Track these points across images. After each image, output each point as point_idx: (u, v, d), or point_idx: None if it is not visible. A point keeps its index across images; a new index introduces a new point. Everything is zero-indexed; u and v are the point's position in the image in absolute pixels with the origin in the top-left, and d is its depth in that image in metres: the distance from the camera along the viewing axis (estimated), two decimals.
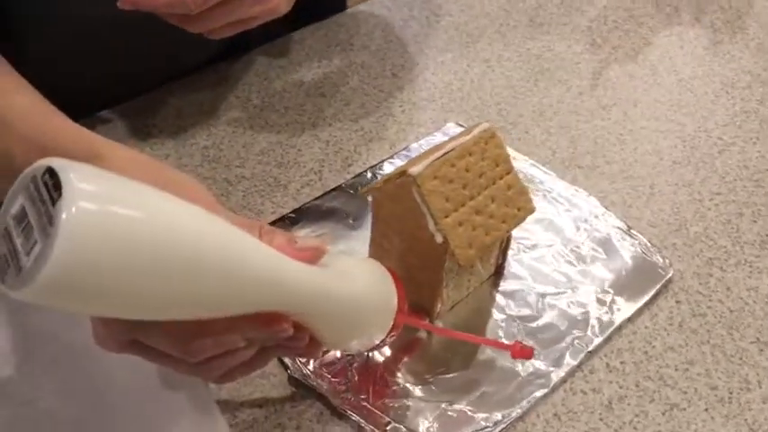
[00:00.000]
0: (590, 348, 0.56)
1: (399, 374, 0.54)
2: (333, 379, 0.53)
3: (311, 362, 0.54)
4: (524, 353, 0.50)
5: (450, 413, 0.52)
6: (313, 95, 0.79)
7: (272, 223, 0.64)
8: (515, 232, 0.62)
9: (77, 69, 0.71)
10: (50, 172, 0.31)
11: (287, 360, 0.54)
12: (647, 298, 0.60)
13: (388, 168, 0.70)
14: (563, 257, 0.63)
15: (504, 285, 0.60)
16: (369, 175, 0.69)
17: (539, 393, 0.53)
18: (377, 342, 0.50)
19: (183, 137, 0.73)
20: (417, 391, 0.53)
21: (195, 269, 0.35)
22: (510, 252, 0.61)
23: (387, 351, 0.55)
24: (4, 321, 0.55)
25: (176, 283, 0.35)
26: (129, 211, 0.33)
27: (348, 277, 0.46)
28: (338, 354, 0.54)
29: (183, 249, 0.34)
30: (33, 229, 0.31)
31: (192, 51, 0.79)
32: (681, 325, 0.59)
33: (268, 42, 0.85)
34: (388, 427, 0.50)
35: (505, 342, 0.55)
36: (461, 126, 0.76)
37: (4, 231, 0.33)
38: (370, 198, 0.57)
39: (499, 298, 0.59)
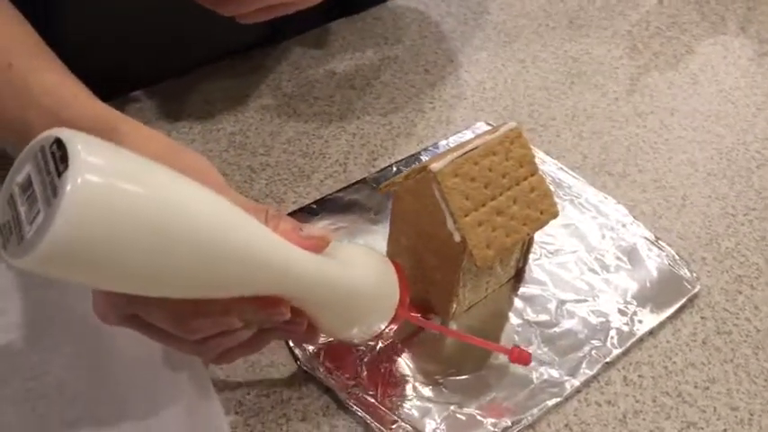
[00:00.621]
0: (608, 359, 0.55)
1: (410, 373, 0.53)
2: (342, 373, 0.52)
3: (321, 355, 0.53)
4: (522, 357, 0.49)
5: (458, 416, 0.51)
6: (344, 87, 0.78)
7: (293, 213, 0.64)
8: (539, 236, 0.61)
9: (112, 50, 0.71)
10: (58, 143, 0.31)
11: (297, 351, 0.53)
12: (670, 311, 0.58)
13: (413, 164, 0.69)
14: (586, 265, 0.61)
15: (524, 289, 0.59)
16: (394, 169, 0.69)
17: (551, 402, 0.52)
18: (375, 334, 0.49)
19: (211, 122, 0.73)
20: (427, 391, 0.52)
21: (195, 250, 0.35)
22: (532, 256, 0.60)
23: (399, 349, 0.54)
24: (17, 293, 0.55)
25: (176, 262, 0.34)
26: (134, 187, 0.32)
27: (350, 268, 0.45)
28: (350, 348, 0.54)
29: (186, 229, 0.34)
30: (37, 199, 0.31)
31: (227, 38, 0.79)
32: (704, 342, 0.58)
33: (304, 32, 0.84)
34: (393, 426, 0.50)
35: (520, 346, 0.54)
36: (491, 126, 0.74)
37: (10, 198, 0.33)
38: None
39: (517, 302, 0.58)
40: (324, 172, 0.69)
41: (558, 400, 0.52)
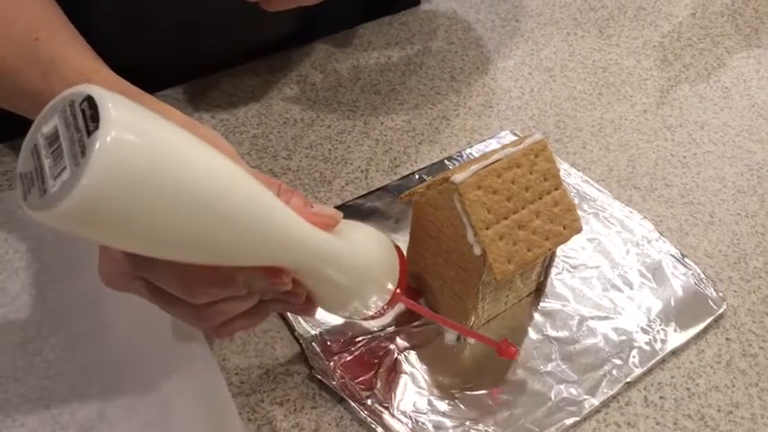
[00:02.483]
0: (629, 379, 0.54)
1: (425, 387, 0.52)
2: (357, 384, 0.52)
3: (336, 364, 0.52)
4: (508, 351, 0.50)
5: None
6: (368, 92, 0.77)
7: None
8: (561, 250, 0.60)
9: (141, 47, 0.71)
10: (90, 100, 0.31)
11: (312, 360, 0.53)
12: (695, 332, 0.57)
13: (436, 172, 0.68)
14: (609, 281, 0.60)
15: (545, 304, 0.58)
16: (416, 177, 0.68)
17: (569, 421, 0.51)
18: (370, 313, 0.51)
19: (234, 123, 0.73)
20: (443, 405, 0.51)
21: (216, 216, 0.35)
22: (554, 270, 0.59)
23: (415, 361, 0.53)
24: (32, 292, 0.55)
25: (196, 228, 0.35)
26: (162, 151, 0.32)
27: (355, 248, 0.47)
28: (365, 359, 0.53)
29: (207, 195, 0.35)
30: (64, 154, 0.31)
31: (253, 36, 0.79)
32: (729, 364, 0.56)
33: (331, 34, 0.84)
34: None
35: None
36: (516, 135, 0.73)
37: (34, 148, 0.32)
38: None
39: (537, 317, 0.57)
40: (345, 178, 0.68)
41: (576, 419, 0.51)
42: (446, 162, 0.70)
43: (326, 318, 0.55)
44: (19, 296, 0.55)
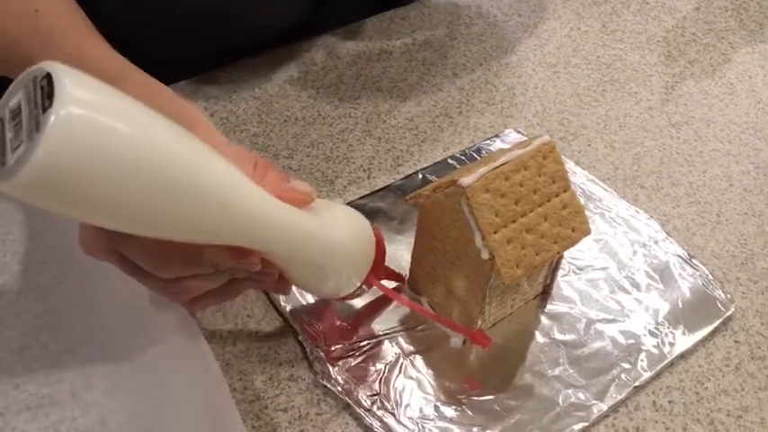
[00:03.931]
0: (637, 383, 0.53)
1: (432, 392, 0.51)
2: (362, 390, 0.51)
3: (341, 370, 0.52)
4: (480, 340, 0.50)
5: None
6: (369, 89, 0.76)
7: None
8: (568, 251, 0.59)
9: (148, 40, 0.70)
10: (48, 78, 0.32)
11: (316, 365, 0.52)
12: (703, 334, 0.56)
13: (439, 172, 0.67)
14: (616, 282, 0.59)
15: (551, 307, 0.57)
16: (419, 177, 0.67)
17: (577, 427, 0.50)
18: (344, 294, 0.51)
19: (235, 122, 0.71)
20: (449, 411, 0.50)
21: (169, 191, 0.36)
22: (560, 272, 0.58)
23: (421, 366, 0.53)
24: (32, 296, 0.54)
25: (150, 202, 0.35)
26: (117, 126, 0.33)
27: (327, 227, 0.46)
28: (371, 364, 0.52)
29: (162, 171, 0.35)
30: (23, 129, 0.32)
31: (255, 31, 0.78)
32: (738, 367, 0.55)
33: (338, 27, 0.83)
34: None
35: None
36: (520, 133, 0.72)
37: (0, 121, 0.33)
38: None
39: (544, 320, 0.56)
40: (347, 177, 0.67)
41: (585, 425, 0.50)
42: (450, 161, 0.69)
43: (329, 321, 0.54)
44: (17, 300, 0.54)
